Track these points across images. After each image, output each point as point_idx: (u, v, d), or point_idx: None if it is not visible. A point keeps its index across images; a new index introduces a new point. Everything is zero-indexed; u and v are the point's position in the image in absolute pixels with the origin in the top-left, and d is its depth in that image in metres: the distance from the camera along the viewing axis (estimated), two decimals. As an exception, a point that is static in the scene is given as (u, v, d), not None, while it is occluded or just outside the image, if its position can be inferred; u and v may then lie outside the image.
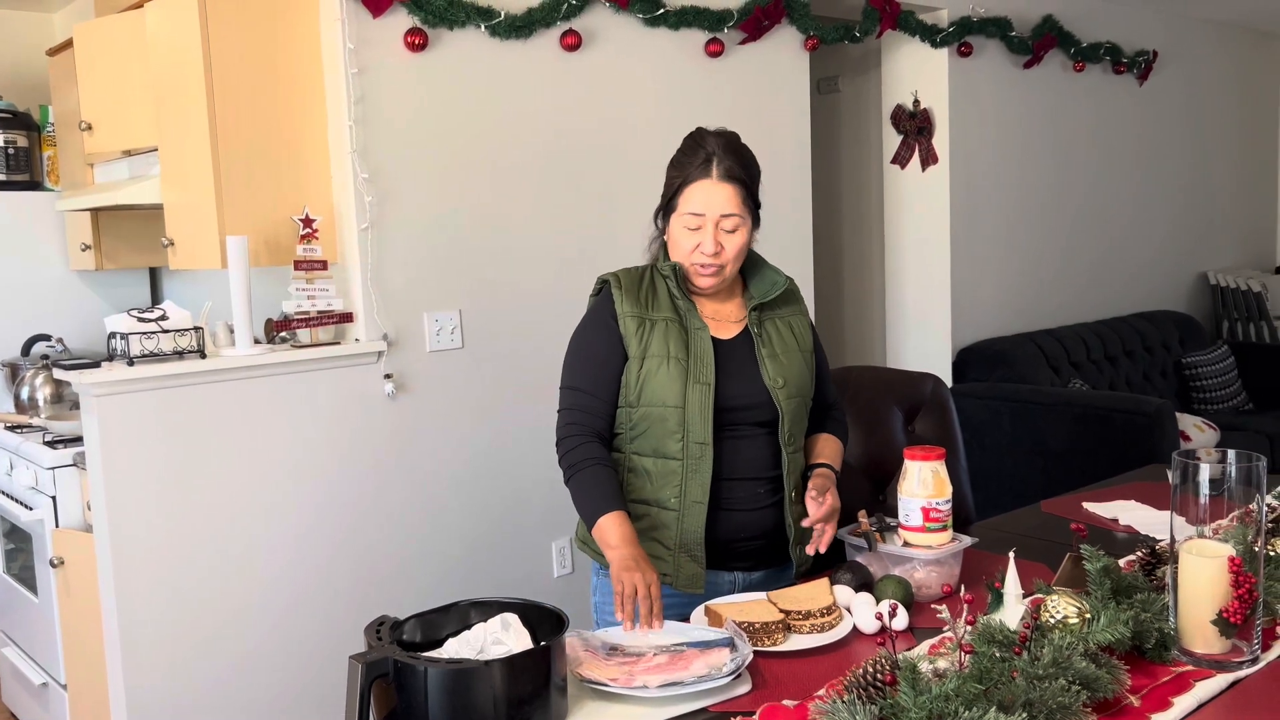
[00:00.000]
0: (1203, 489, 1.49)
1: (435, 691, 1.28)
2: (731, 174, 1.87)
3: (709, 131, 1.94)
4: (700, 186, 1.87)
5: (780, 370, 1.93)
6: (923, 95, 4.42)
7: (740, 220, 1.89)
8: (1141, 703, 1.38)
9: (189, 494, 2.61)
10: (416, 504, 2.98)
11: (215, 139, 2.70)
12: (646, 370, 1.89)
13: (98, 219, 3.62)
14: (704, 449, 1.87)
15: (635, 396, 1.90)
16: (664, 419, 1.88)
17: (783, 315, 2.01)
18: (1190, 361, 5.08)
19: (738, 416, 1.91)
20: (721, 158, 1.88)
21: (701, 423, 1.87)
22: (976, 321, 4.57)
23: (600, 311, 1.95)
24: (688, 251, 1.89)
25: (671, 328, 1.91)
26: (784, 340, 1.98)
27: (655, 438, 1.90)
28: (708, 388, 1.88)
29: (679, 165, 1.91)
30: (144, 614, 2.56)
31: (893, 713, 1.24)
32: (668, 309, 1.93)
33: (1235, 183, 5.98)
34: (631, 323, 1.91)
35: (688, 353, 1.89)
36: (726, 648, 1.53)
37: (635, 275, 1.97)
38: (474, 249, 3.06)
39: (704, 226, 1.87)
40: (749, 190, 1.91)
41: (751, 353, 1.94)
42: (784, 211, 3.81)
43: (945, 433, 2.46)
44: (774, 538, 1.96)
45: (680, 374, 1.88)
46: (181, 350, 2.61)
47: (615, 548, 1.76)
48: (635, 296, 1.92)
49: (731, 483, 1.91)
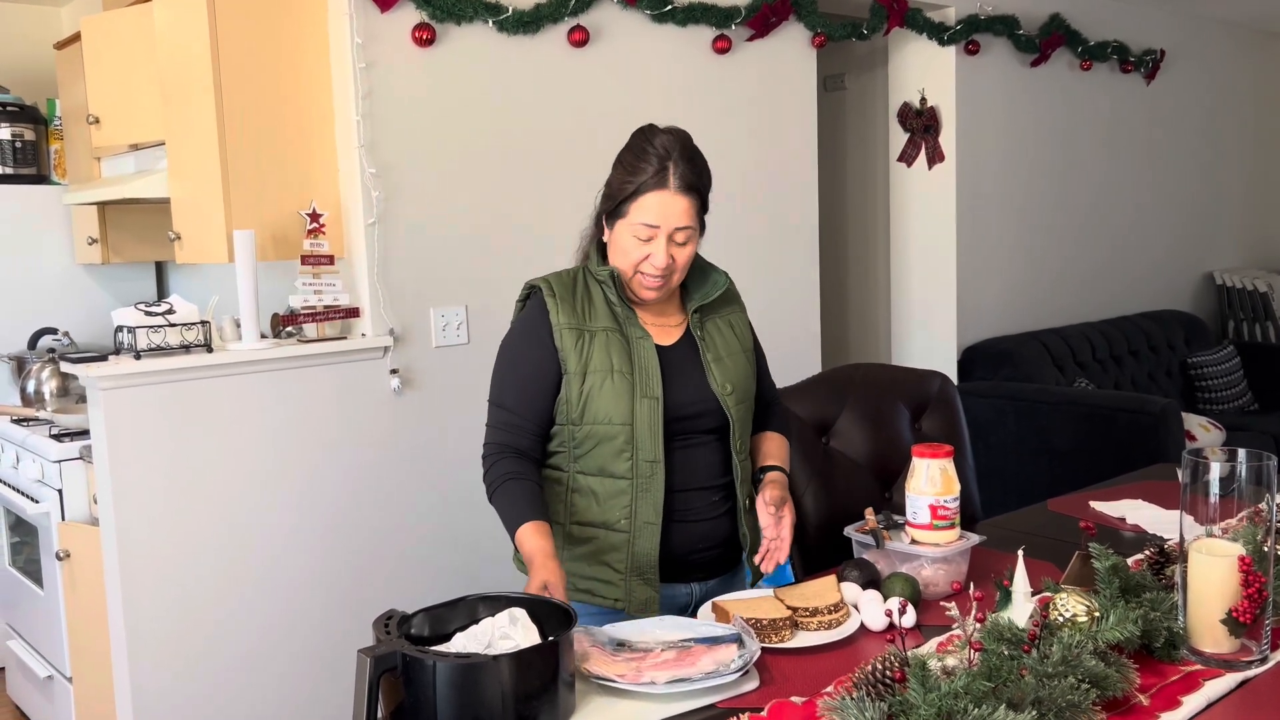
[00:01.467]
0: (1213, 488, 1.49)
1: (444, 686, 1.28)
2: (688, 184, 1.75)
3: (659, 130, 1.81)
4: (656, 197, 1.74)
5: (726, 374, 1.85)
6: (929, 93, 4.42)
7: (692, 232, 1.79)
8: (1151, 702, 1.38)
9: (195, 487, 2.61)
10: (422, 499, 2.98)
11: (223, 133, 2.70)
12: (589, 387, 1.78)
13: (104, 213, 3.62)
14: (655, 466, 1.79)
15: (578, 414, 1.80)
16: (611, 437, 1.78)
17: (723, 314, 1.93)
18: (1196, 361, 5.07)
19: (687, 425, 1.82)
20: (678, 164, 1.75)
21: (651, 439, 1.78)
22: (982, 320, 4.57)
23: (533, 322, 1.83)
24: (635, 261, 1.78)
25: (612, 339, 1.80)
26: (726, 341, 1.90)
27: (601, 457, 1.80)
28: (656, 401, 1.78)
29: (631, 169, 1.77)
30: (149, 607, 2.56)
31: (902, 710, 1.24)
32: (605, 318, 1.82)
33: (1242, 182, 5.97)
34: (569, 336, 1.79)
35: (632, 365, 1.79)
36: (734, 644, 1.53)
37: (568, 281, 1.85)
38: (481, 245, 3.06)
39: (656, 238, 1.76)
40: (703, 199, 1.80)
41: (696, 357, 1.85)
42: (790, 209, 3.81)
43: (952, 431, 2.45)
44: (728, 546, 1.90)
45: (626, 389, 1.77)
46: (188, 344, 2.61)
47: (529, 560, 1.69)
48: (571, 306, 1.81)
49: (685, 494, 1.83)
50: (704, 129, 3.73)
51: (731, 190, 3.63)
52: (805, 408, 2.37)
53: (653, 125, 1.84)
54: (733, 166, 3.62)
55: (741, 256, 3.66)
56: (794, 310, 3.85)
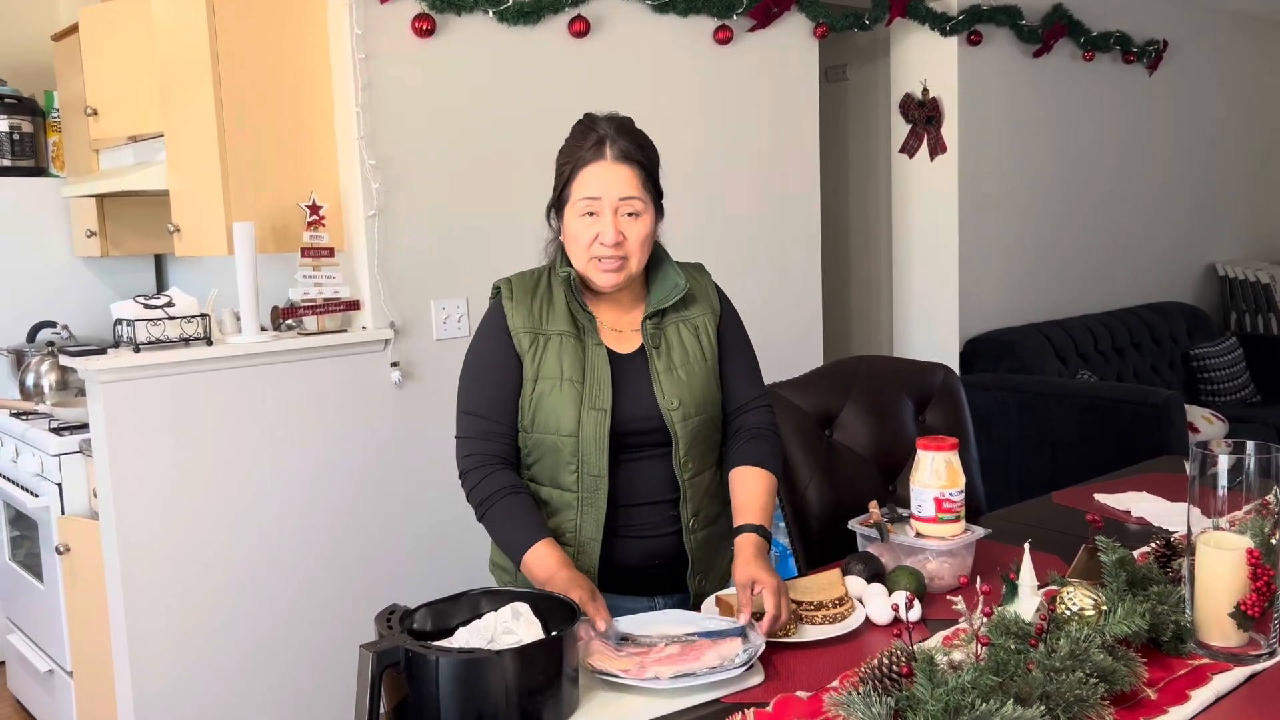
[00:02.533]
0: (1221, 480, 1.48)
1: (447, 681, 1.27)
2: (628, 155, 1.70)
3: (599, 115, 1.76)
4: (594, 169, 1.69)
5: (676, 388, 1.75)
6: (931, 84, 4.40)
7: (642, 205, 1.71)
8: (1159, 695, 1.37)
9: (195, 481, 2.60)
10: (424, 492, 2.97)
11: (222, 125, 2.68)
12: (539, 393, 1.73)
13: (103, 205, 3.61)
14: (599, 481, 1.72)
15: (529, 421, 1.75)
16: (557, 448, 1.73)
17: (688, 318, 1.81)
18: (1198, 353, 5.05)
19: (634, 440, 1.75)
20: (615, 139, 1.70)
21: (597, 453, 1.71)
22: (984, 312, 4.55)
23: (493, 324, 1.78)
24: (586, 244, 1.71)
25: (566, 344, 1.74)
26: (685, 349, 1.79)
27: (549, 467, 1.75)
28: (603, 414, 1.71)
29: (568, 151, 1.73)
30: (150, 601, 2.55)
31: (909, 705, 1.23)
32: (564, 321, 1.75)
33: (1245, 174, 5.95)
34: (525, 339, 1.74)
35: (583, 374, 1.72)
36: (739, 638, 1.52)
37: (529, 282, 1.79)
38: (482, 236, 3.05)
39: (601, 213, 1.69)
40: (649, 174, 1.73)
41: (648, 368, 1.76)
42: (791, 201, 3.79)
43: (956, 423, 2.44)
44: (683, 565, 1.81)
45: (574, 398, 1.71)
46: (188, 337, 2.59)
47: (549, 583, 1.60)
48: (528, 308, 1.76)
49: (630, 509, 1.76)
50: (705, 120, 3.73)
51: (733, 182, 3.61)
52: (808, 400, 2.35)
53: (591, 113, 1.78)
54: (734, 158, 3.61)
55: (743, 248, 3.64)
56: (796, 302, 3.83)
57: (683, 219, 1.84)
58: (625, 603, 1.76)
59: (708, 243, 3.49)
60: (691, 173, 3.47)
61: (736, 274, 2.01)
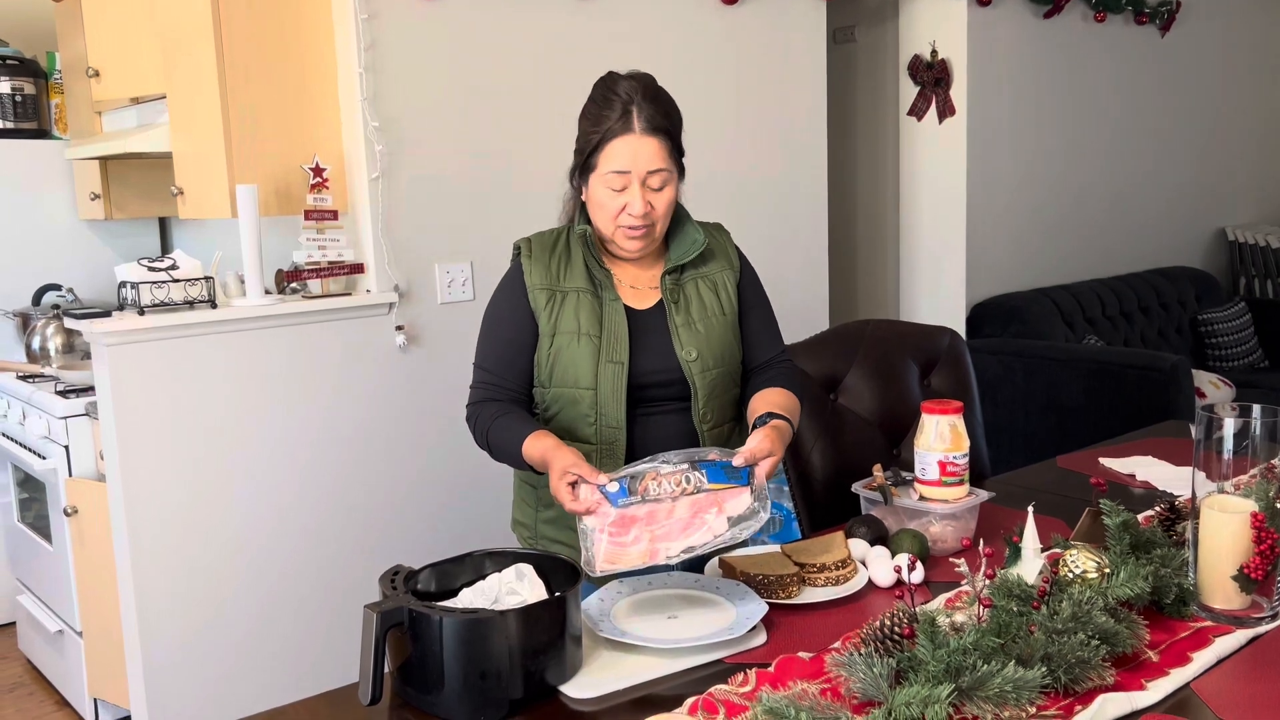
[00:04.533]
0: (1226, 444, 1.47)
1: (450, 641, 1.28)
2: (655, 125, 1.70)
3: (621, 76, 1.75)
4: (623, 142, 1.69)
5: (695, 340, 1.78)
6: (940, 46, 4.35)
7: (668, 174, 1.73)
8: (1160, 658, 1.37)
9: (200, 444, 2.61)
10: (428, 455, 2.98)
11: (224, 86, 2.66)
12: (557, 348, 1.76)
13: (106, 168, 3.60)
14: (617, 433, 1.75)
15: (546, 376, 1.78)
16: (575, 401, 1.76)
17: (707, 274, 1.83)
18: (1206, 318, 5.03)
19: (652, 393, 1.78)
20: (642, 106, 1.70)
21: (614, 405, 1.74)
22: (991, 276, 4.53)
23: (512, 283, 1.81)
24: (613, 214, 1.73)
25: (584, 300, 1.77)
26: (704, 304, 1.81)
27: (567, 420, 1.77)
28: (620, 367, 1.74)
29: (595, 119, 1.73)
30: (157, 562, 2.57)
31: (910, 666, 1.23)
32: (581, 278, 1.78)
33: (1256, 137, 5.89)
34: (541, 296, 1.77)
35: (600, 329, 1.75)
36: (745, 487, 1.50)
37: (548, 241, 1.82)
38: (486, 200, 3.03)
39: (630, 185, 1.70)
40: (674, 141, 1.74)
41: (666, 322, 1.79)
42: (799, 164, 3.76)
43: (961, 387, 2.44)
44: None
45: (592, 352, 1.74)
46: (192, 300, 2.59)
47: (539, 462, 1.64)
48: (546, 266, 1.78)
49: None
50: (711, 83, 3.69)
51: (739, 145, 3.58)
52: (813, 364, 2.35)
53: (613, 72, 1.78)
54: (741, 121, 3.58)
55: (749, 212, 3.62)
56: (802, 266, 3.81)
57: (688, 183, 1.83)
58: None
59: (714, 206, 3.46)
60: (697, 136, 3.41)
61: (743, 237, 2.00)
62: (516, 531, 1.94)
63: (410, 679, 1.32)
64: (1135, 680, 1.31)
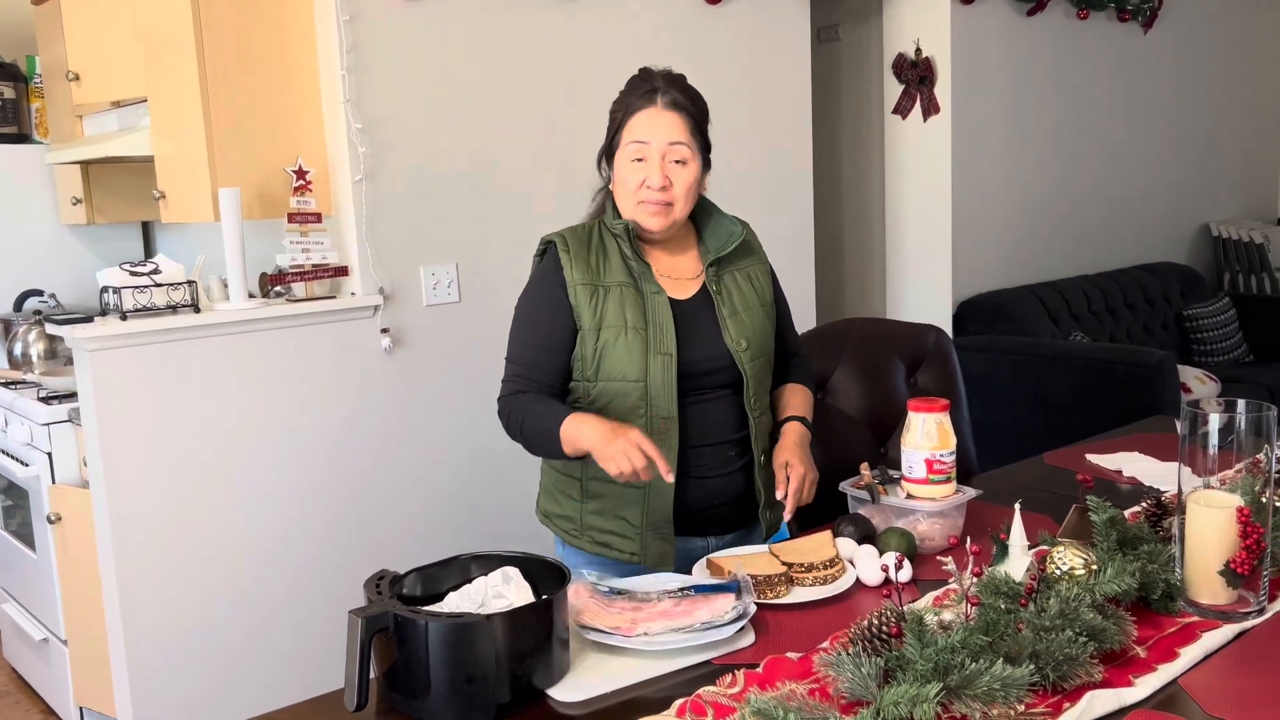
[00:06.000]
0: (1212, 439, 1.47)
1: (436, 645, 1.27)
2: (677, 103, 1.79)
3: (654, 69, 1.86)
4: (644, 115, 1.78)
5: (742, 330, 1.84)
6: (924, 44, 4.35)
7: (690, 152, 1.79)
8: (1148, 654, 1.37)
9: (185, 449, 2.59)
10: (414, 458, 2.96)
11: (206, 89, 2.65)
12: (603, 342, 1.78)
13: (88, 172, 3.57)
14: (670, 423, 1.79)
15: (593, 371, 1.80)
16: (625, 394, 1.78)
17: (742, 267, 1.91)
18: (1191, 314, 5.05)
19: (701, 381, 1.82)
20: (666, 89, 1.79)
21: (665, 396, 1.78)
22: (977, 274, 4.54)
23: (547, 279, 1.83)
24: (634, 188, 1.78)
25: (626, 294, 1.80)
26: (744, 295, 1.88)
27: (616, 413, 1.78)
28: (669, 358, 1.78)
29: (621, 100, 1.83)
30: (142, 569, 2.55)
31: (898, 665, 1.23)
32: (620, 273, 1.81)
33: (1239, 133, 5.92)
34: (583, 292, 1.79)
35: (646, 321, 1.79)
36: (731, 594, 1.52)
37: (583, 236, 1.85)
38: (471, 201, 3.02)
39: (649, 158, 1.77)
40: (697, 124, 1.81)
41: (711, 313, 1.85)
42: (784, 162, 3.76)
43: (948, 385, 2.44)
44: (745, 502, 1.90)
45: (640, 345, 1.78)
46: (175, 304, 2.58)
47: (583, 434, 1.69)
48: (585, 261, 1.81)
49: (700, 449, 1.83)
50: (696, 82, 3.65)
51: (725, 144, 3.54)
52: (800, 363, 2.34)
53: (647, 67, 1.87)
54: (725, 120, 3.54)
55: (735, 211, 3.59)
56: (789, 265, 3.80)
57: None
58: (681, 543, 1.85)
59: (699, 206, 3.46)
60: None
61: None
62: (554, 524, 1.94)
63: (396, 684, 1.31)
64: (1123, 677, 1.31)
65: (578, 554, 1.90)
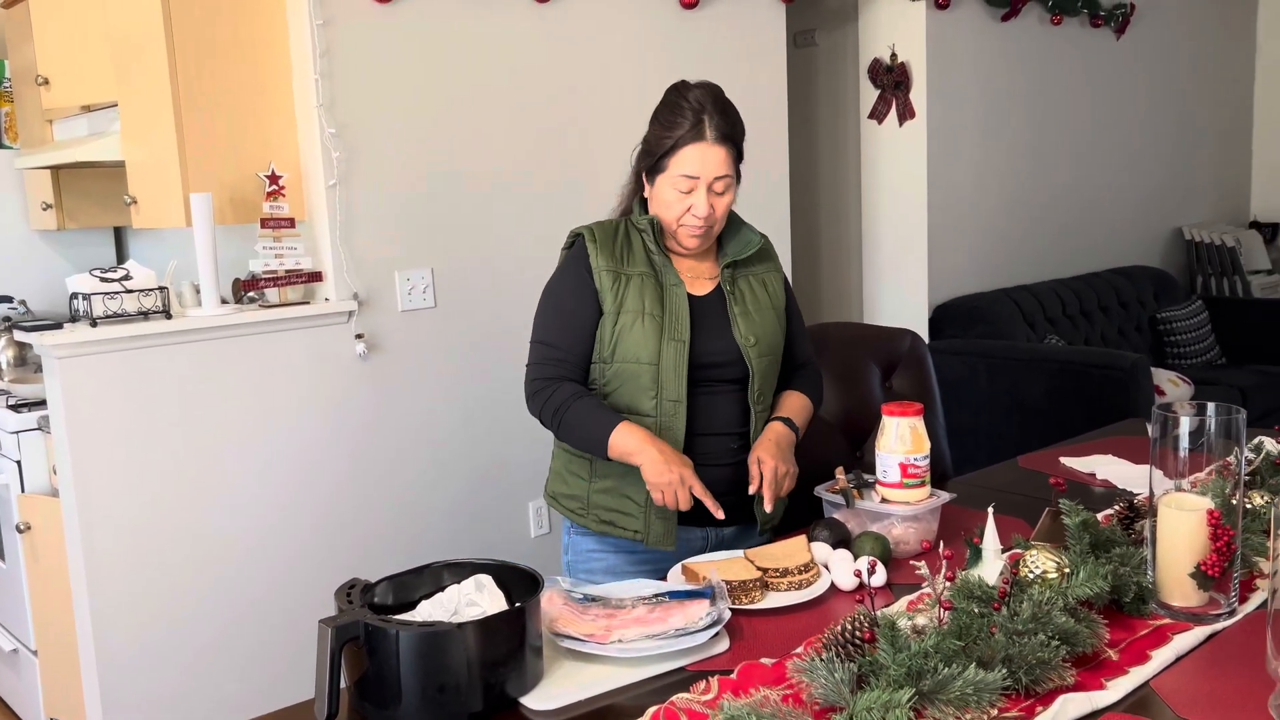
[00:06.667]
0: (1182, 442, 1.48)
1: (407, 655, 1.25)
2: (724, 134, 1.85)
3: (692, 85, 1.90)
4: (695, 150, 1.84)
5: (752, 328, 1.93)
6: (900, 49, 4.37)
7: (730, 180, 1.88)
8: (1120, 656, 1.37)
9: (156, 457, 2.56)
10: (389, 464, 2.95)
11: (177, 93, 2.63)
12: (621, 326, 1.87)
13: (58, 177, 3.53)
14: (677, 406, 1.87)
15: (609, 353, 1.89)
16: (637, 376, 1.87)
17: (756, 273, 2.00)
18: (1165, 316, 5.09)
19: (710, 373, 1.90)
20: (713, 116, 1.85)
21: (676, 379, 1.86)
22: (953, 277, 4.56)
23: (574, 264, 1.92)
24: (678, 214, 1.87)
25: (647, 283, 1.89)
26: (756, 298, 1.97)
27: (628, 394, 1.88)
28: (683, 345, 1.87)
29: (669, 125, 1.86)
30: (113, 578, 2.52)
31: (871, 670, 1.23)
32: (643, 264, 1.91)
33: (1212, 137, 5.98)
34: (607, 277, 1.88)
35: (663, 309, 1.88)
36: (706, 599, 1.51)
37: (610, 229, 1.94)
38: (446, 205, 3.01)
39: (697, 189, 1.85)
40: (738, 148, 1.90)
41: (724, 309, 1.94)
42: (760, 167, 3.77)
43: (923, 389, 2.44)
44: (743, 494, 1.93)
45: (655, 330, 1.86)
46: (146, 311, 2.55)
47: (640, 452, 1.79)
48: (610, 251, 1.90)
49: (704, 438, 1.90)
50: (672, 86, 3.68)
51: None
52: (775, 367, 2.34)
53: (685, 81, 1.92)
54: (702, 124, 3.57)
55: (711, 216, 3.61)
56: (765, 269, 3.81)
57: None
58: (682, 533, 1.92)
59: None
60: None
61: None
62: (561, 505, 2.00)
63: (367, 694, 1.30)
64: (1095, 680, 1.31)
65: (584, 533, 1.98)
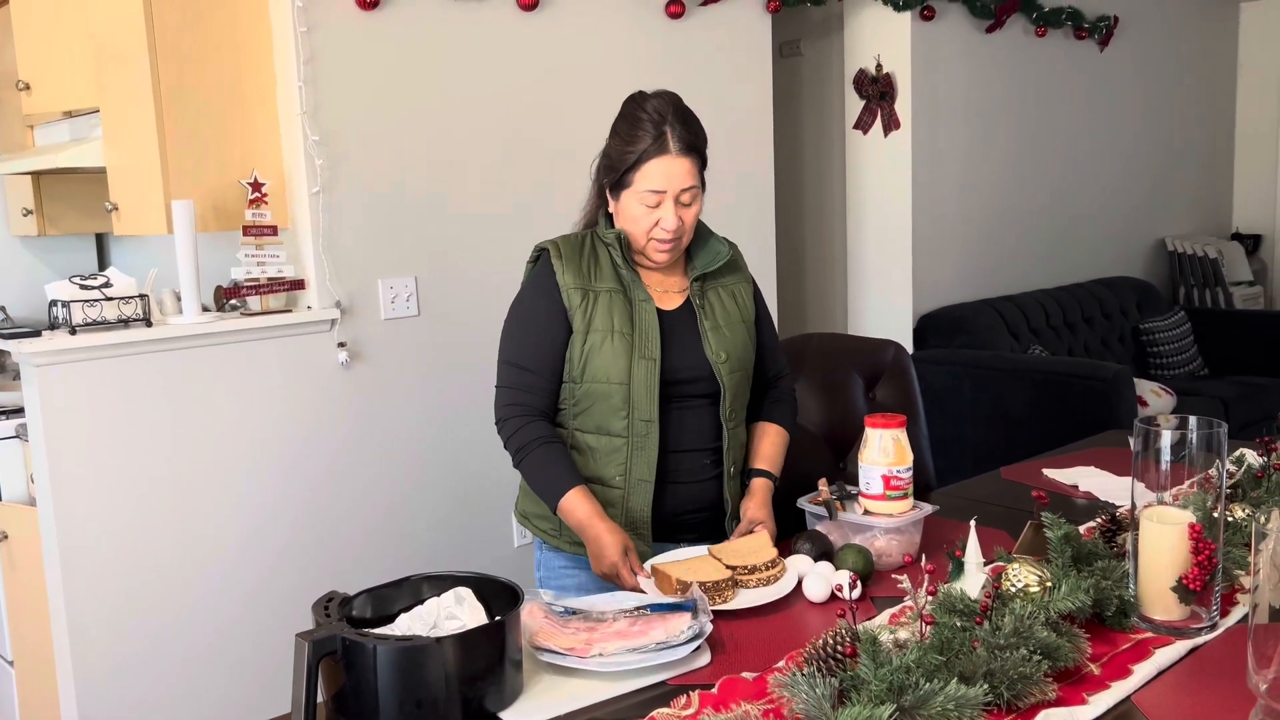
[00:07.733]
0: (1164, 455, 1.48)
1: (385, 670, 1.24)
2: (687, 144, 1.82)
3: (649, 95, 1.86)
4: (659, 163, 1.80)
5: (722, 343, 1.89)
6: (885, 59, 4.39)
7: (697, 191, 1.85)
8: (1102, 671, 1.37)
9: (135, 466, 2.54)
10: (371, 474, 2.93)
11: (159, 99, 2.61)
12: (590, 345, 1.84)
13: (39, 182, 3.50)
14: (650, 426, 1.84)
15: (579, 372, 1.85)
16: (608, 396, 1.84)
17: (726, 284, 1.96)
18: (1148, 327, 5.11)
19: (682, 389, 1.87)
20: (674, 127, 1.81)
21: (648, 399, 1.83)
22: (937, 288, 4.57)
23: (541, 282, 1.88)
24: (646, 229, 1.83)
25: (615, 300, 1.85)
26: (726, 311, 1.93)
27: (599, 415, 1.85)
28: (653, 363, 1.83)
29: (630, 139, 1.82)
30: (90, 588, 2.50)
31: (853, 685, 1.22)
32: (611, 280, 1.87)
33: (1193, 150, 6.02)
34: (575, 295, 1.85)
35: (632, 327, 1.84)
36: (687, 613, 1.50)
37: (575, 244, 1.90)
38: (430, 213, 3.00)
39: (664, 202, 1.82)
40: (702, 157, 1.87)
41: (694, 324, 1.90)
42: (746, 177, 3.77)
43: (906, 400, 2.44)
44: (717, 509, 1.95)
45: (625, 349, 1.83)
46: (126, 318, 2.53)
47: (581, 532, 1.78)
48: (578, 267, 1.86)
49: (677, 455, 1.88)
50: (658, 96, 3.67)
51: (686, 158, 3.57)
52: (759, 378, 2.34)
53: (642, 91, 1.88)
54: (687, 134, 3.57)
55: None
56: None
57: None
58: (656, 549, 1.88)
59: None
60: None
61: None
62: (534, 525, 1.97)
63: (344, 709, 1.28)
64: (1077, 694, 1.31)
65: (557, 554, 1.94)
